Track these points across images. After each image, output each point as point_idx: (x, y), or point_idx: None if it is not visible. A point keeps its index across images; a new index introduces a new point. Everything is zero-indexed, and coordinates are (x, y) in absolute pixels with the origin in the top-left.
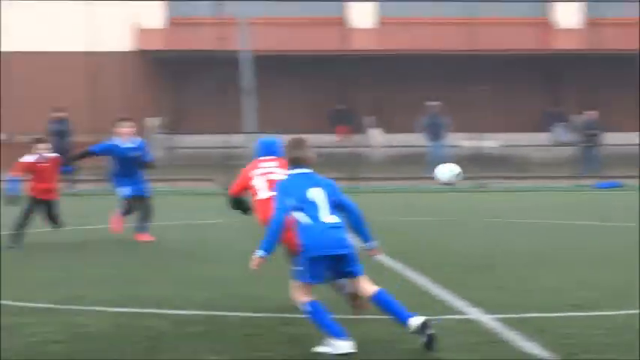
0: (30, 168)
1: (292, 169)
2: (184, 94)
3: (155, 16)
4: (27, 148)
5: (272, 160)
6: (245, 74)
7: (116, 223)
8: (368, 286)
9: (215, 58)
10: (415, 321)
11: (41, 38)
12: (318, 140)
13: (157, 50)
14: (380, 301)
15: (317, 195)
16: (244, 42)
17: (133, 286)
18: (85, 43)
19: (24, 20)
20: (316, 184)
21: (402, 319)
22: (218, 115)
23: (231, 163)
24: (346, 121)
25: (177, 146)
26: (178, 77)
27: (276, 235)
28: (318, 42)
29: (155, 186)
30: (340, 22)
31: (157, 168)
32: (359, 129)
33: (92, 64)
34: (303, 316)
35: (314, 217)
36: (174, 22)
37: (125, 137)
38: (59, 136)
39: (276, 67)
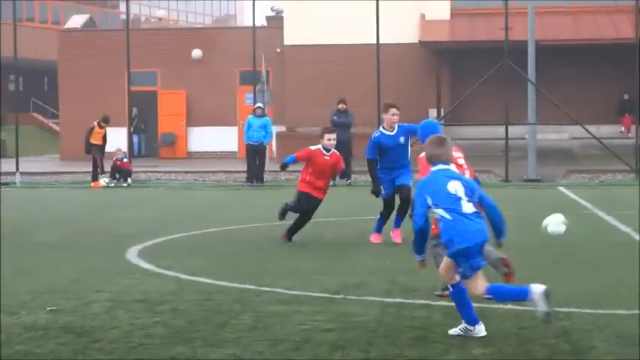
0: (310, 155)
1: (433, 165)
2: (465, 85)
3: (441, 8)
4: (309, 140)
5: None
6: (530, 64)
7: (375, 237)
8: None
9: (499, 48)
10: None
11: (326, 32)
12: (600, 131)
13: (440, 41)
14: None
15: (457, 187)
16: (531, 31)
17: (403, 277)
18: (372, 35)
19: (309, 15)
20: (455, 178)
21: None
22: (497, 106)
23: (511, 155)
24: (631, 111)
25: (457, 137)
26: (461, 68)
27: (424, 237)
28: (605, 31)
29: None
30: (631, 10)
31: None
32: None
33: (379, 56)
34: (577, 309)
35: (456, 210)
36: (459, 13)
37: (388, 124)
38: (341, 128)
39: (559, 56)
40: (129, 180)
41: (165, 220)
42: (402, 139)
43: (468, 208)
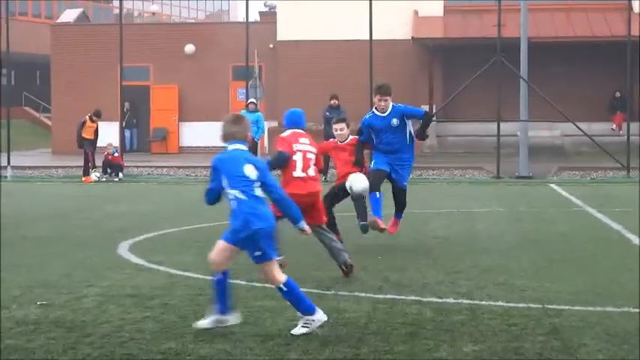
0: (330, 147)
1: (230, 144)
2: (458, 81)
3: (434, 5)
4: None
5: (306, 135)
6: (523, 61)
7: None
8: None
9: (492, 45)
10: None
11: (319, 28)
12: (592, 129)
13: (433, 38)
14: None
15: (251, 171)
16: (524, 29)
17: (394, 273)
18: (365, 31)
19: (302, 11)
20: (249, 161)
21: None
22: (490, 103)
23: (503, 151)
24: (622, 109)
25: (449, 134)
26: (453, 65)
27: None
28: (598, 28)
29: (425, 174)
30: (624, 8)
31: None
32: (636, 117)
33: (372, 52)
34: (568, 307)
35: (249, 193)
36: (452, 10)
37: (380, 108)
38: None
39: (552, 53)
40: (120, 175)
41: (156, 215)
42: (394, 121)
43: (259, 192)
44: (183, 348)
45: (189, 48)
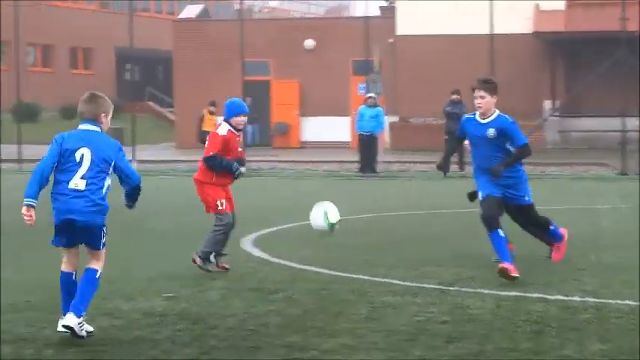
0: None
1: (80, 123)
2: (580, 76)
3: None
4: (423, 130)
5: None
6: None
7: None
8: (94, 263)
9: (615, 39)
10: (69, 320)
11: (438, 22)
12: None
13: (554, 32)
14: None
15: (84, 156)
16: None
17: (519, 270)
18: (485, 25)
19: (422, 5)
20: (88, 144)
21: (64, 308)
22: (614, 98)
23: (629, 147)
24: None
25: (571, 129)
26: (575, 59)
27: (37, 182)
28: None
29: (547, 170)
30: None
31: (530, 155)
32: None
33: (493, 47)
34: None
35: (66, 179)
36: (574, 3)
37: (476, 107)
38: (454, 118)
39: None
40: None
41: (278, 209)
42: (491, 132)
43: (77, 183)
44: (307, 342)
45: (309, 43)
